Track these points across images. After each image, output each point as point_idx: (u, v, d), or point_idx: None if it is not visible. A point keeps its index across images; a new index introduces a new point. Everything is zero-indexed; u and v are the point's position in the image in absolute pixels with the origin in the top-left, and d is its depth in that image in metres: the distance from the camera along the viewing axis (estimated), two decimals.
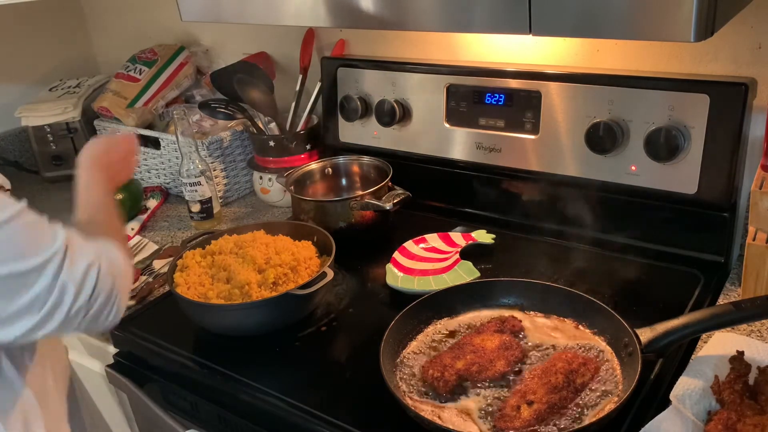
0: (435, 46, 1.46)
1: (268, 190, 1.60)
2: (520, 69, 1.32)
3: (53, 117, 1.86)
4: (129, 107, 1.73)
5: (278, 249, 1.18)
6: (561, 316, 1.05)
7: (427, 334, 1.04)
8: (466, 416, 0.88)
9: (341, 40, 1.59)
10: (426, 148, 1.46)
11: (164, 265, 1.38)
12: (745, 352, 0.85)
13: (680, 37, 0.72)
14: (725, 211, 1.16)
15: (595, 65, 1.28)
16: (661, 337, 0.90)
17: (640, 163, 1.20)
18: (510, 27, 0.83)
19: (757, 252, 1.02)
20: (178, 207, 1.69)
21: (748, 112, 1.11)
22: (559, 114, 1.27)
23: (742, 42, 1.12)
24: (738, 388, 0.80)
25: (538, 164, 1.32)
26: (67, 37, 2.12)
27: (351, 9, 0.96)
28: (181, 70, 1.81)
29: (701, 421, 0.80)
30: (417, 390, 0.93)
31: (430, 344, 1.02)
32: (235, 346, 1.12)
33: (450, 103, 1.40)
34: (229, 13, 1.10)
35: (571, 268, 1.22)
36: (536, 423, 0.84)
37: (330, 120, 1.59)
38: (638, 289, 1.16)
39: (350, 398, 0.98)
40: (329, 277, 1.11)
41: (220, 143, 1.63)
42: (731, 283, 1.14)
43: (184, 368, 1.10)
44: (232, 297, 1.09)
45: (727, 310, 0.88)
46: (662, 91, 1.15)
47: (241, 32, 1.78)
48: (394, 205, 1.32)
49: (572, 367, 0.90)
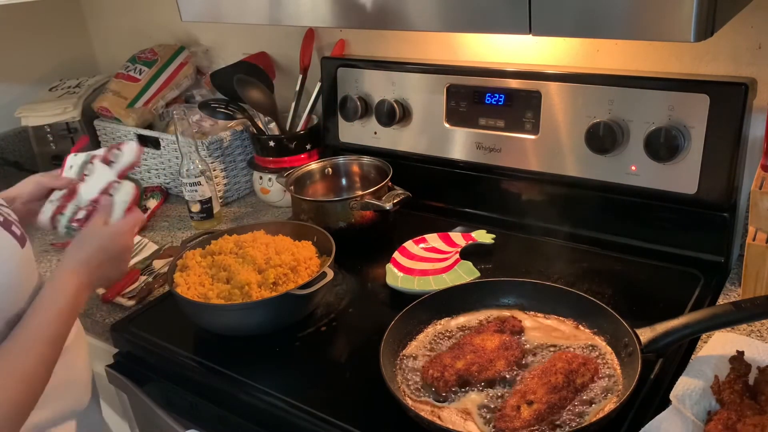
0: (435, 46, 1.46)
1: (268, 190, 1.60)
2: (520, 69, 1.32)
3: (53, 117, 1.86)
4: (129, 107, 1.73)
5: (278, 249, 1.18)
6: (561, 316, 1.05)
7: (427, 335, 1.04)
8: (465, 416, 0.88)
9: (341, 40, 1.59)
10: (426, 148, 1.46)
11: (164, 265, 1.38)
12: (745, 352, 0.85)
13: (680, 37, 0.72)
14: (725, 211, 1.16)
15: (595, 65, 1.28)
16: (661, 337, 0.90)
17: (640, 163, 1.20)
18: (510, 27, 0.83)
19: (757, 252, 1.02)
20: (178, 207, 1.69)
21: (748, 112, 1.11)
22: (559, 114, 1.27)
23: (742, 42, 1.12)
24: (738, 388, 0.80)
25: (538, 164, 1.32)
26: (67, 37, 2.12)
27: (351, 9, 0.96)
28: (181, 70, 1.81)
29: (701, 421, 0.80)
30: (417, 390, 0.93)
31: (430, 344, 1.02)
32: (235, 346, 1.11)
33: (450, 103, 1.40)
34: (229, 13, 1.10)
35: (571, 268, 1.22)
36: (536, 423, 0.84)
37: (330, 120, 1.59)
38: (638, 289, 1.16)
39: (350, 398, 0.98)
40: (329, 277, 1.11)
41: (220, 143, 1.63)
42: (731, 283, 1.14)
43: (184, 368, 1.10)
44: (232, 297, 1.09)
45: (727, 310, 0.88)
46: (662, 91, 1.15)
47: (241, 32, 1.78)
48: (394, 205, 1.32)
49: (572, 367, 0.90)
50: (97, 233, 1.00)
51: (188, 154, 1.48)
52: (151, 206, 1.66)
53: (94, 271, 0.96)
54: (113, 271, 1.01)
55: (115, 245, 1.00)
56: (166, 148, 1.69)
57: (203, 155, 1.56)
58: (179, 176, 1.51)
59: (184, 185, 1.50)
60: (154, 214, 1.65)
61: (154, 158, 1.74)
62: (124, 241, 1.02)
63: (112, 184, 1.09)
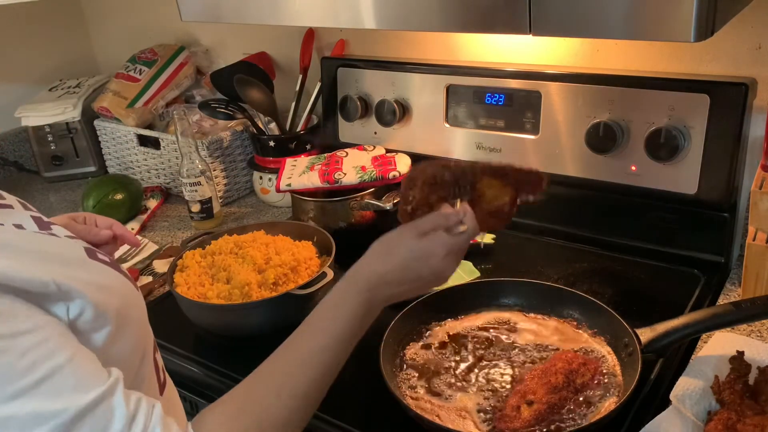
0: (435, 46, 1.46)
1: (268, 190, 1.60)
2: (520, 69, 1.32)
3: (53, 117, 1.86)
4: (129, 107, 1.73)
5: (278, 249, 1.18)
6: (561, 316, 1.05)
7: (427, 335, 1.04)
8: (465, 416, 0.88)
9: (341, 40, 1.59)
10: (426, 148, 1.46)
11: (164, 265, 1.38)
12: (745, 352, 0.84)
13: (680, 37, 0.72)
14: (725, 211, 1.16)
15: (595, 65, 1.28)
16: (661, 337, 0.90)
17: (640, 163, 1.20)
18: (510, 27, 0.83)
19: (757, 252, 1.02)
20: (178, 207, 1.69)
21: (748, 112, 1.11)
22: (559, 114, 1.27)
23: (742, 42, 1.12)
24: (738, 388, 0.80)
25: (538, 164, 1.32)
26: (67, 37, 2.12)
27: (351, 9, 0.96)
28: (181, 70, 1.81)
29: (701, 421, 0.80)
30: (417, 390, 0.93)
31: (430, 344, 1.02)
32: (235, 346, 1.11)
33: (450, 103, 1.40)
34: (229, 13, 1.10)
35: (571, 269, 1.22)
36: (536, 423, 0.84)
37: (330, 120, 1.59)
38: (638, 289, 1.16)
39: (350, 398, 0.98)
40: (329, 277, 1.11)
41: (220, 143, 1.63)
42: (731, 283, 1.14)
43: (184, 368, 1.10)
44: (232, 297, 1.09)
45: (727, 310, 0.88)
46: (662, 91, 1.15)
47: (241, 32, 1.78)
48: (394, 205, 1.32)
49: (572, 367, 0.90)
50: (409, 247, 0.78)
51: (188, 154, 1.48)
52: (151, 206, 1.66)
53: (391, 288, 0.78)
54: (411, 294, 0.81)
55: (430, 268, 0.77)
56: (166, 148, 1.69)
57: (203, 155, 1.56)
58: (179, 176, 1.51)
59: (184, 185, 1.50)
60: (154, 214, 1.65)
61: (154, 158, 1.74)
62: (441, 269, 0.78)
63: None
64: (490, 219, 0.84)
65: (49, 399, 0.56)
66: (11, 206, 0.70)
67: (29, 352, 0.56)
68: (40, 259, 0.61)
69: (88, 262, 0.68)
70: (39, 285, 0.58)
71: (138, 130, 1.73)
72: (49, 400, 0.56)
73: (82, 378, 0.58)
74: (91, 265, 0.68)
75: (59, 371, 0.57)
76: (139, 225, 1.58)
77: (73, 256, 0.67)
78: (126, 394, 0.61)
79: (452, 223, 0.78)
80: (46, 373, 0.56)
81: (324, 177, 1.37)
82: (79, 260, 0.67)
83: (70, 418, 0.56)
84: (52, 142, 1.90)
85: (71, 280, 0.61)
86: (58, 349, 0.58)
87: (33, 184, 1.94)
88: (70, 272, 0.62)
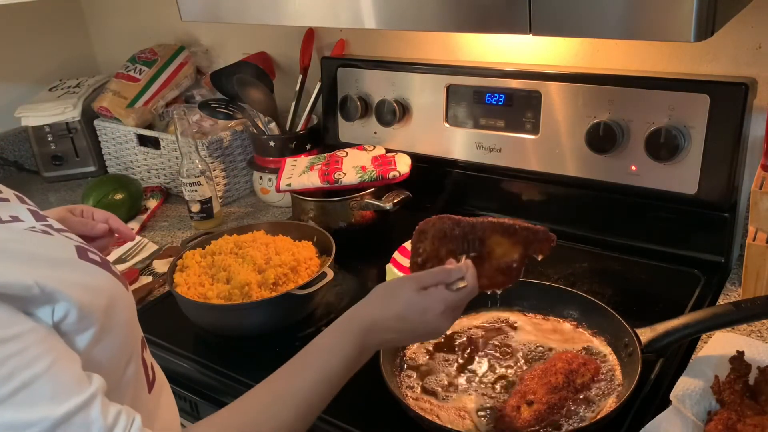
0: (435, 46, 1.46)
1: (268, 190, 1.60)
2: (520, 69, 1.32)
3: (53, 117, 1.86)
4: (129, 107, 1.73)
5: (278, 249, 1.18)
6: (561, 316, 1.05)
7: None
8: (465, 416, 0.88)
9: (341, 40, 1.59)
10: (426, 148, 1.46)
11: (164, 265, 1.38)
12: (745, 352, 0.84)
13: (680, 37, 0.72)
14: (725, 211, 1.16)
15: (595, 65, 1.28)
16: (661, 337, 0.90)
17: (641, 163, 1.20)
18: (510, 27, 0.82)
19: (757, 252, 1.02)
20: (178, 207, 1.69)
21: (748, 112, 1.11)
22: (559, 114, 1.27)
23: (742, 42, 1.12)
24: (738, 388, 0.80)
25: (538, 164, 1.32)
26: (67, 37, 2.12)
27: (351, 9, 0.96)
28: (181, 70, 1.81)
29: (701, 421, 0.80)
30: (417, 390, 0.93)
31: (430, 345, 1.02)
32: (235, 346, 1.11)
33: (450, 103, 1.40)
34: (229, 13, 1.10)
35: (571, 269, 1.22)
36: (536, 423, 0.84)
37: (330, 120, 1.59)
38: (638, 289, 1.16)
39: (350, 398, 0.98)
40: (329, 277, 1.11)
41: (220, 143, 1.63)
42: (731, 283, 1.14)
43: (184, 368, 1.10)
44: (232, 297, 1.09)
45: (727, 310, 0.88)
46: (662, 91, 1.15)
47: (241, 32, 1.78)
48: (394, 205, 1.32)
49: (572, 367, 0.90)
50: (407, 299, 0.78)
51: (188, 154, 1.48)
52: (151, 206, 1.66)
53: (385, 335, 0.78)
54: (405, 343, 0.87)
55: (424, 324, 0.77)
56: (166, 148, 1.69)
57: (203, 155, 1.56)
58: (179, 176, 1.51)
59: (184, 185, 1.50)
60: (154, 214, 1.65)
61: (154, 158, 1.74)
62: (436, 325, 0.78)
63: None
64: (498, 276, 0.86)
65: (25, 409, 0.55)
66: (8, 199, 0.71)
67: (8, 361, 0.55)
68: (26, 261, 0.61)
69: (77, 263, 0.67)
70: (21, 289, 0.58)
71: (138, 130, 1.73)
72: (25, 410, 0.55)
73: (61, 387, 0.58)
74: (80, 265, 0.67)
75: (36, 381, 0.56)
76: (139, 225, 1.58)
77: (62, 257, 0.67)
78: (105, 405, 0.60)
79: (454, 279, 0.79)
80: (24, 383, 0.56)
81: (324, 177, 1.37)
82: (68, 260, 0.67)
83: (46, 429, 0.56)
84: (52, 142, 1.90)
85: (56, 282, 0.60)
86: (38, 358, 0.57)
87: (33, 184, 1.93)
88: (56, 274, 0.62)
